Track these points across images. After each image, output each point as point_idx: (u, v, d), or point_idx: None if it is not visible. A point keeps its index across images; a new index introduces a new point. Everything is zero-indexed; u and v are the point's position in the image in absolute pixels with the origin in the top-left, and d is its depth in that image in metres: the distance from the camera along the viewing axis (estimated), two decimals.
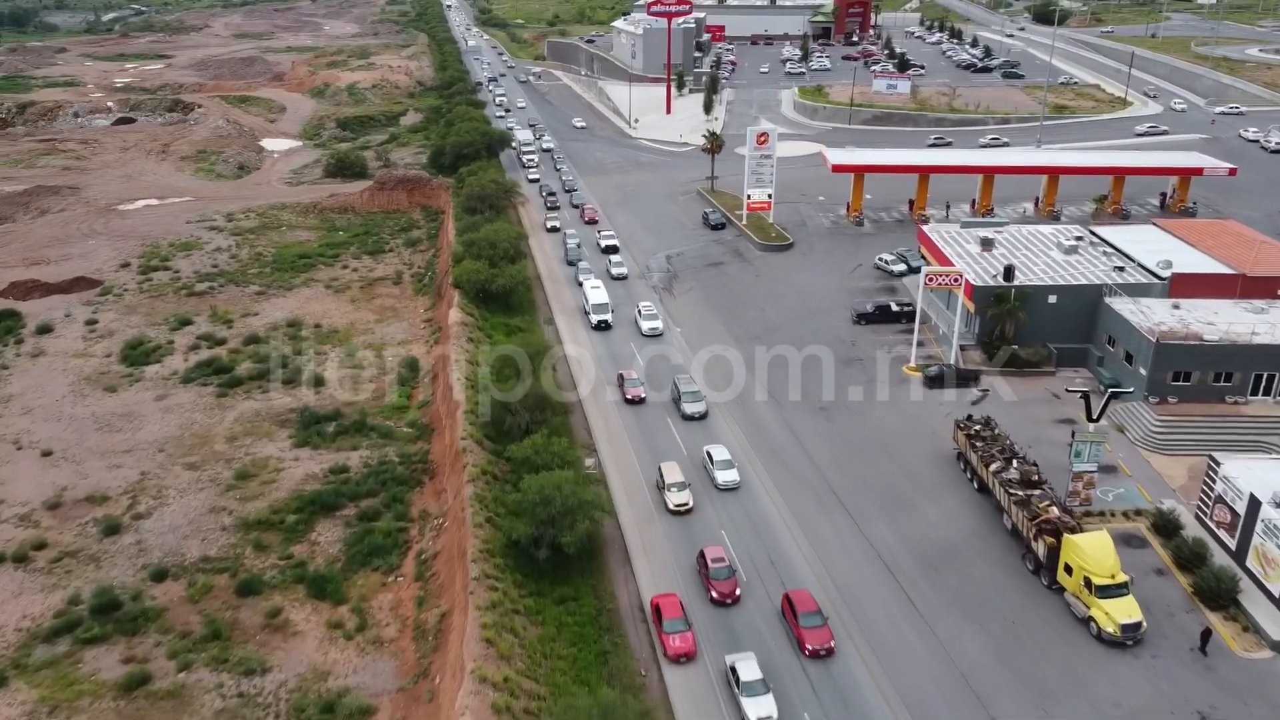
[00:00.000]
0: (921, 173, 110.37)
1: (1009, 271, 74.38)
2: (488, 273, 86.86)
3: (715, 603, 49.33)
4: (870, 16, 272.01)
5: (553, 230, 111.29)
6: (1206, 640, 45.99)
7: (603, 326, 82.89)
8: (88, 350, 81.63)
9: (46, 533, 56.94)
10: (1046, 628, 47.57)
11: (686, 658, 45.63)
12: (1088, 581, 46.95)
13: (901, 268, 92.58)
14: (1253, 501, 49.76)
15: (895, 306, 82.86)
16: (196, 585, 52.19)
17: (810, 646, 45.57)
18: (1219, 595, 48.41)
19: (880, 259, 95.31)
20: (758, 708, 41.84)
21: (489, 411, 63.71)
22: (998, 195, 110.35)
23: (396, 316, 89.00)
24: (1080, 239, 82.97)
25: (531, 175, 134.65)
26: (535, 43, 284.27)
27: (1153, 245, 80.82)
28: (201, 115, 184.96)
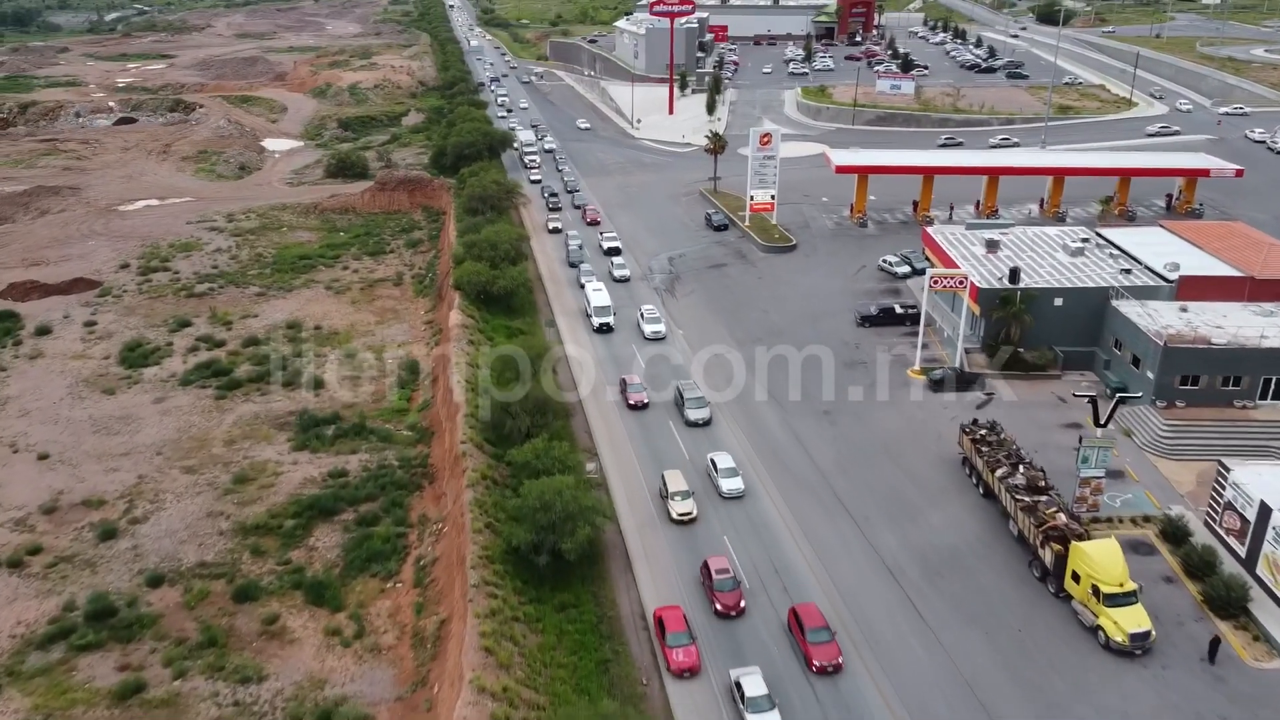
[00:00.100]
0: (925, 174, 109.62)
1: (1014, 274, 73.67)
2: (489, 274, 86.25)
3: (719, 615, 48.34)
4: (873, 16, 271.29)
5: (554, 231, 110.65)
6: (1215, 650, 45.28)
7: (605, 329, 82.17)
8: (86, 352, 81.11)
9: (42, 537, 56.38)
10: (1053, 636, 46.87)
11: (690, 672, 44.56)
12: (1096, 590, 46.25)
13: (906, 270, 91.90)
14: (1263, 508, 49.04)
15: (899, 309, 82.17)
16: (193, 591, 51.59)
17: (818, 663, 44.48)
18: (1229, 604, 47.66)
19: (884, 261, 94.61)
20: None
21: (489, 414, 63.13)
22: (1002, 196, 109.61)
23: (397, 318, 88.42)
24: (1086, 241, 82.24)
25: (533, 176, 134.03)
26: (538, 43, 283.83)
27: (1159, 247, 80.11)
28: (203, 115, 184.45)
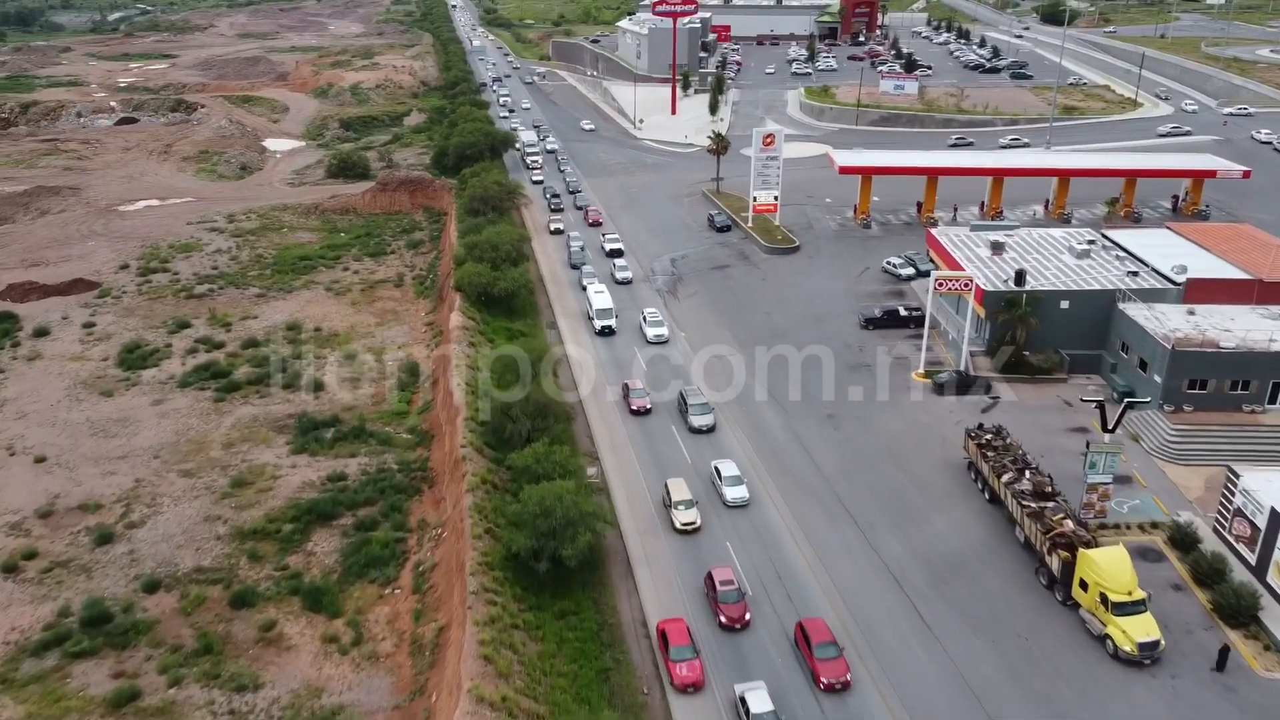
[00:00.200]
0: (930, 175, 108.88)
1: (1020, 276, 72.95)
2: (490, 276, 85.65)
3: (724, 628, 47.34)
4: (877, 16, 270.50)
5: (556, 233, 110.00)
6: (1225, 658, 44.60)
7: (607, 332, 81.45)
8: (84, 354, 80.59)
9: (38, 542, 55.80)
10: (1061, 645, 46.16)
11: (694, 687, 43.59)
12: (1104, 598, 45.55)
13: (910, 271, 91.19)
14: (1273, 515, 48.34)
15: (904, 311, 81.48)
16: (189, 597, 50.97)
17: (825, 680, 43.32)
18: (1239, 612, 46.94)
19: (888, 262, 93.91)
20: None
21: (490, 416, 62.52)
22: (1006, 197, 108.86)
23: (397, 320, 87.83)
24: (1092, 243, 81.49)
25: (535, 177, 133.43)
26: (540, 43, 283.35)
27: (1166, 249, 79.34)
28: (204, 115, 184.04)
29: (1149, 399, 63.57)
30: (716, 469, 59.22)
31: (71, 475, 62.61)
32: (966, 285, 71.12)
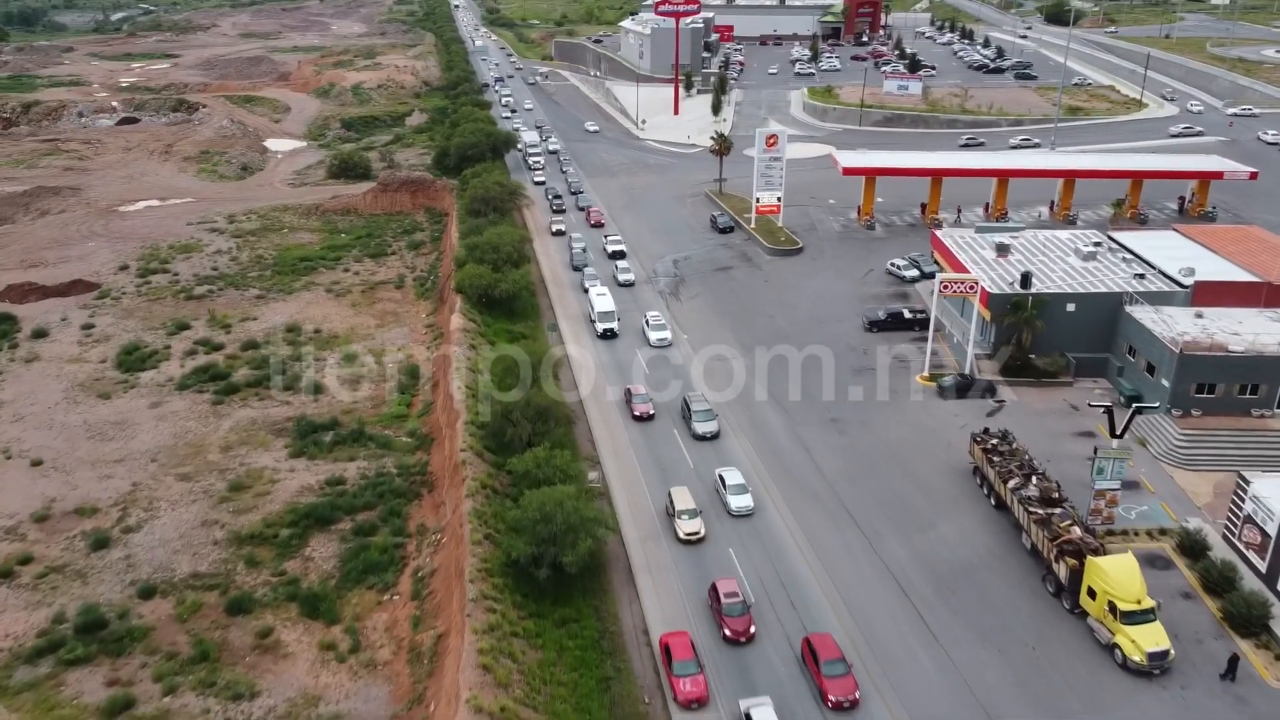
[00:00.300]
0: (934, 176, 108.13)
1: (1026, 278, 72.20)
2: (491, 277, 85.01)
3: (728, 641, 46.34)
4: (880, 16, 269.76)
5: (558, 234, 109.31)
6: (1234, 667, 43.86)
7: (609, 335, 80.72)
8: (83, 355, 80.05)
9: (33, 546, 55.25)
10: (1069, 655, 45.45)
11: (698, 704, 42.58)
12: (1113, 607, 44.83)
13: (914, 273, 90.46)
14: None
15: (908, 314, 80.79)
16: (185, 603, 50.39)
17: (833, 698, 42.23)
18: (1250, 621, 46.18)
19: (892, 264, 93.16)
20: None
21: (490, 419, 61.89)
22: (1011, 199, 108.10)
23: (398, 321, 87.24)
24: (1099, 245, 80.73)
25: (537, 177, 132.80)
26: (543, 43, 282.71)
27: (1173, 251, 78.60)
28: (206, 115, 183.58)
29: (1156, 403, 62.80)
30: (721, 477, 58.19)
31: (68, 479, 62.07)
32: (972, 288, 70.42)
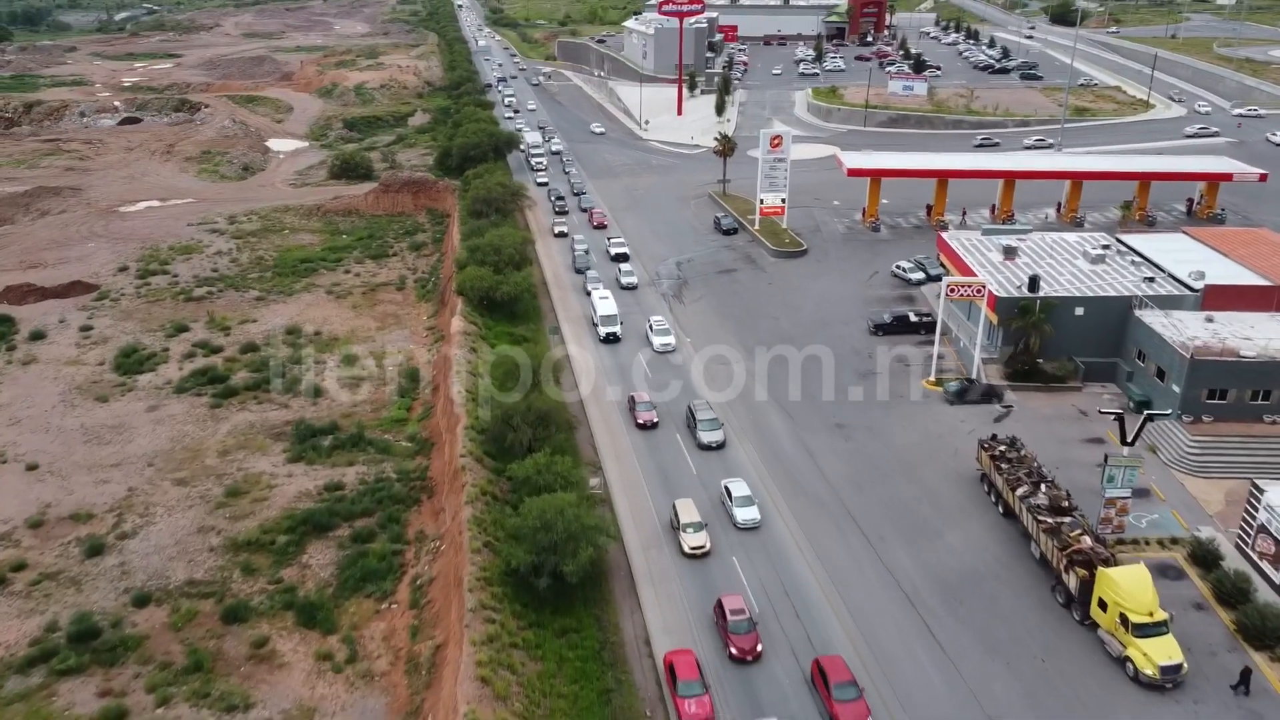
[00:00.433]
0: (940, 177, 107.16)
1: (1034, 282, 71.21)
2: (492, 279, 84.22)
3: (734, 660, 45.18)
4: (885, 16, 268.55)
5: (560, 235, 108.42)
6: (1246, 680, 42.91)
7: (611, 339, 79.80)
8: (80, 358, 79.33)
9: (27, 553, 54.47)
10: (1079, 668, 44.56)
11: None
12: (1124, 619, 43.91)
13: (920, 276, 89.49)
14: None
15: (914, 317, 79.87)
16: (180, 611, 49.55)
17: None
18: (1264, 633, 45.26)
19: (898, 266, 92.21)
20: None
21: (490, 423, 61.05)
22: (1017, 201, 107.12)
23: (398, 324, 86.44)
24: (1107, 248, 79.72)
25: (540, 178, 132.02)
26: (546, 43, 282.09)
27: (1183, 254, 77.57)
28: (208, 115, 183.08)
29: (1167, 409, 61.82)
30: (727, 489, 56.97)
31: (63, 483, 61.32)
32: (979, 291, 69.52)
